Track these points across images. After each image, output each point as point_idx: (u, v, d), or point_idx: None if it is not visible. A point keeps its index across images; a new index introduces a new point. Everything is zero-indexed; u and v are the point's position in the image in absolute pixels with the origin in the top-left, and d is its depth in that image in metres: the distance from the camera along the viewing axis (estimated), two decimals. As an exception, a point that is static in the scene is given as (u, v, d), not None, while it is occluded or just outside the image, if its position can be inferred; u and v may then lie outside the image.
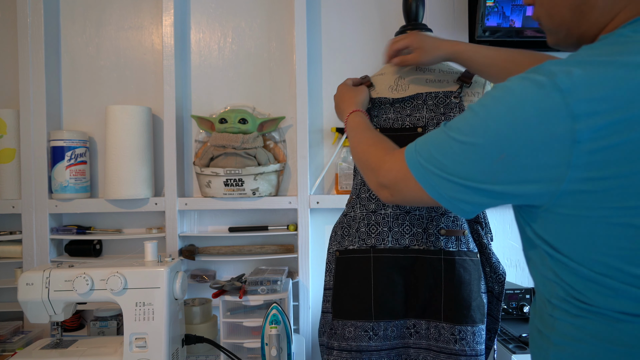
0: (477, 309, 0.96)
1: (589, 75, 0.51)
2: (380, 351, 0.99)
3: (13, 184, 1.57)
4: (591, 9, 0.61)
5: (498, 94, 0.57)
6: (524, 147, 0.53)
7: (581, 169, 0.51)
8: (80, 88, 1.65)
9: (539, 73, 0.54)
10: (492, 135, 0.56)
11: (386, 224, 1.01)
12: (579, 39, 0.65)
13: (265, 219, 1.65)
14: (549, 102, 0.51)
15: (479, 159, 0.57)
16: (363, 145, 0.84)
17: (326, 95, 1.64)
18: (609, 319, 0.55)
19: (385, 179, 0.71)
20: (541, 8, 0.68)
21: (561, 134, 0.51)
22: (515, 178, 0.55)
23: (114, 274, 1.16)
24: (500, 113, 0.55)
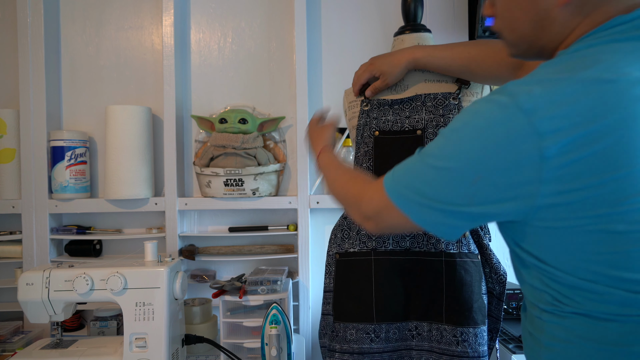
0: (479, 311, 0.96)
1: (548, 94, 0.53)
2: (382, 353, 0.99)
3: (13, 184, 1.57)
4: (551, 24, 0.63)
5: (467, 117, 0.59)
6: (497, 167, 0.55)
7: (552, 184, 0.53)
8: (80, 88, 1.65)
9: (502, 94, 0.56)
10: (465, 158, 0.57)
11: None
12: (540, 51, 0.67)
13: (265, 219, 1.65)
14: (515, 122, 0.53)
15: (455, 183, 0.58)
16: (339, 181, 0.85)
17: (326, 95, 1.64)
18: (595, 320, 0.57)
19: (368, 210, 0.72)
20: (502, 21, 0.69)
21: (529, 151, 0.53)
22: (492, 198, 0.57)
23: (114, 274, 1.16)
24: (471, 136, 0.57)
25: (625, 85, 0.52)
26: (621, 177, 0.51)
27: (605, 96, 0.52)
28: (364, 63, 1.09)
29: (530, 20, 0.64)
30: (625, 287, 0.54)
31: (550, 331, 0.61)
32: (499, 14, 0.69)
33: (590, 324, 0.57)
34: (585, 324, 0.57)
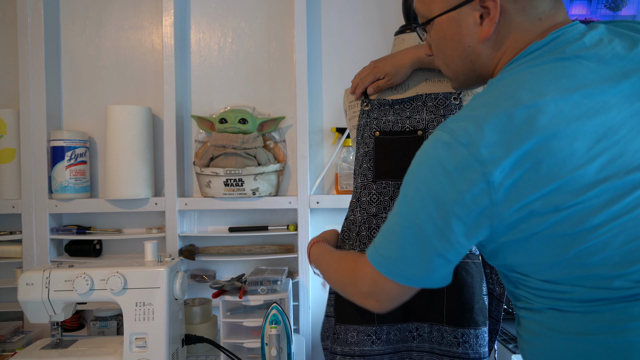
0: (480, 312, 0.96)
1: (480, 127, 0.59)
2: (384, 355, 0.99)
3: (13, 184, 1.57)
4: (478, 57, 0.72)
5: (419, 160, 0.65)
6: (453, 199, 0.60)
7: (504, 204, 0.59)
8: (80, 88, 1.65)
9: (444, 132, 0.62)
10: (425, 195, 0.63)
11: None
12: (478, 79, 0.76)
13: (265, 219, 1.65)
14: (459, 156, 0.60)
15: (423, 223, 0.63)
16: (332, 267, 0.87)
17: (326, 95, 1.64)
18: (561, 312, 0.63)
19: (364, 287, 0.73)
20: (438, 60, 0.79)
21: (477, 179, 0.59)
22: (458, 229, 0.62)
23: (114, 274, 1.16)
24: (426, 176, 0.63)
25: (542, 106, 0.58)
26: (556, 187, 0.57)
27: (526, 120, 0.58)
28: (366, 66, 1.09)
29: (460, 56, 0.73)
30: (582, 283, 0.60)
31: (527, 326, 0.68)
32: (435, 54, 0.79)
33: (557, 316, 0.63)
34: (553, 317, 0.64)
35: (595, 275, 0.59)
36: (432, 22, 0.74)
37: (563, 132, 0.57)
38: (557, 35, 0.65)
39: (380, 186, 1.01)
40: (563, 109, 0.58)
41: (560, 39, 0.65)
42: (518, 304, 0.70)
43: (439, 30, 0.74)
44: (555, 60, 0.63)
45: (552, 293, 0.63)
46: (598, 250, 0.58)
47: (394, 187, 1.00)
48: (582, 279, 0.60)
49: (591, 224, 0.58)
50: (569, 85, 0.60)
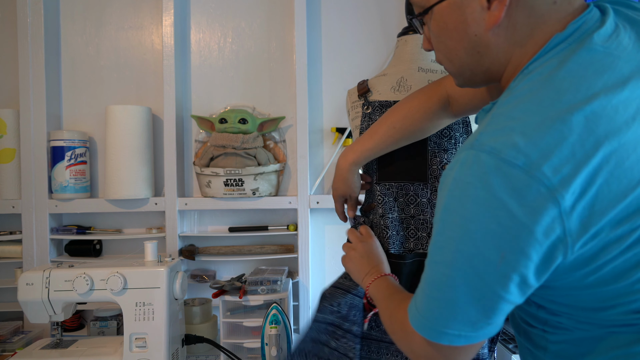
0: None
1: (533, 142, 0.49)
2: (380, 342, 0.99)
3: (13, 184, 1.57)
4: (487, 49, 0.61)
5: (457, 193, 0.53)
6: (519, 235, 0.49)
7: (577, 232, 0.49)
8: (80, 88, 1.65)
9: (482, 151, 0.51)
10: (478, 238, 0.51)
11: (394, 228, 1.01)
12: (485, 75, 0.65)
13: (265, 219, 1.65)
14: (516, 181, 0.48)
15: (481, 270, 0.52)
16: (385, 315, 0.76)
17: (326, 95, 1.64)
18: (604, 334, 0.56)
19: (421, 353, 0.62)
20: (440, 54, 0.68)
21: (545, 206, 0.48)
22: (526, 270, 0.51)
23: (114, 274, 1.16)
24: (474, 212, 0.51)
25: (598, 109, 0.50)
26: (630, 201, 0.49)
27: (586, 128, 0.49)
28: None
29: (464, 48, 0.62)
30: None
31: (557, 350, 0.60)
32: (435, 48, 0.68)
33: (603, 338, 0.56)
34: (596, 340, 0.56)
35: None
36: (431, 11, 0.64)
37: (625, 135, 0.49)
38: (578, 25, 0.56)
39: (384, 187, 1.02)
40: (618, 109, 0.50)
41: (581, 29, 0.56)
42: (545, 327, 0.60)
43: (439, 19, 0.63)
44: (588, 52, 0.54)
45: (604, 320, 0.55)
46: None
47: (397, 189, 1.01)
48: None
49: None
50: (614, 80, 0.52)
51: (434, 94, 0.91)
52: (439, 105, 0.91)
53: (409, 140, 0.96)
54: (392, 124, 0.94)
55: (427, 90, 0.93)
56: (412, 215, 1.01)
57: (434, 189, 1.00)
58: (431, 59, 1.08)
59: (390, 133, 0.94)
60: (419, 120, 0.92)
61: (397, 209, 1.01)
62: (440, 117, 0.93)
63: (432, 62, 1.08)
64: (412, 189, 1.00)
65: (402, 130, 0.93)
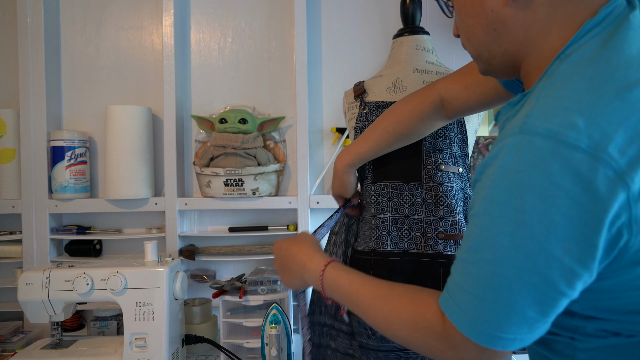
0: None
1: (595, 121, 0.45)
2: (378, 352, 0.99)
3: (13, 184, 1.57)
4: (504, 26, 0.59)
5: (508, 183, 0.48)
6: (586, 223, 0.45)
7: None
8: (80, 88, 1.65)
9: (536, 135, 0.47)
10: (539, 230, 0.46)
11: (385, 228, 1.01)
12: (504, 59, 0.62)
13: (265, 219, 1.65)
14: (579, 165, 0.44)
15: (544, 267, 0.47)
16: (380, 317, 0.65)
17: (326, 95, 1.64)
18: None
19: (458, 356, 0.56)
20: (462, 36, 0.66)
21: (613, 192, 0.44)
22: (591, 263, 0.47)
23: (114, 274, 1.16)
24: (530, 202, 0.47)
25: None
26: None
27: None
28: None
29: (481, 24, 0.60)
30: None
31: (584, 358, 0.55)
32: (459, 29, 0.67)
33: None
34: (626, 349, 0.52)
35: None
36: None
37: None
38: (609, 10, 0.53)
39: (379, 187, 1.02)
40: None
41: (614, 14, 0.53)
42: (575, 335, 0.56)
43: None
44: (629, 31, 0.51)
45: None
46: None
47: (392, 189, 1.01)
48: None
49: None
50: None
51: (427, 97, 0.92)
52: (432, 108, 0.91)
53: (403, 143, 0.97)
54: (385, 128, 0.95)
55: (419, 93, 0.94)
56: (406, 215, 1.01)
57: (428, 188, 1.00)
58: (426, 60, 1.08)
59: (384, 137, 0.95)
60: (411, 124, 0.93)
61: (390, 209, 1.01)
62: (433, 120, 0.94)
63: (428, 63, 1.08)
64: (406, 189, 1.01)
65: (395, 134, 0.94)
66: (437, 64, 1.09)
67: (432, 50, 1.11)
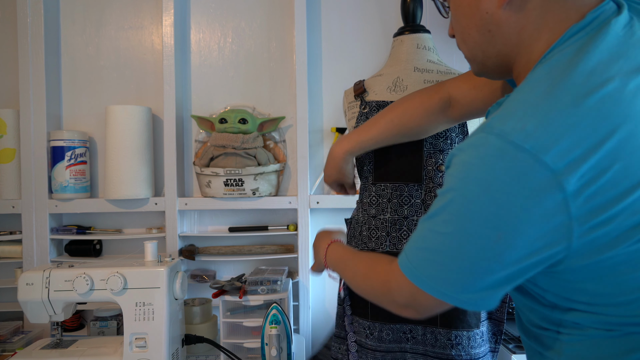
0: (473, 314, 0.96)
1: (544, 126, 0.49)
2: (376, 352, 1.00)
3: (13, 184, 1.57)
4: (498, 28, 0.61)
5: (461, 173, 0.54)
6: (517, 217, 0.50)
7: (585, 218, 0.49)
8: (80, 88, 1.65)
9: (491, 134, 0.51)
10: (478, 218, 0.52)
11: (384, 229, 1.01)
12: (497, 60, 0.64)
13: (265, 219, 1.65)
14: (520, 164, 0.49)
15: (477, 248, 0.53)
16: (360, 275, 0.78)
17: (326, 95, 1.64)
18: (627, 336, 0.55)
19: (402, 298, 0.65)
20: (457, 36, 0.69)
21: (548, 191, 0.48)
22: (523, 252, 0.52)
23: (114, 274, 1.16)
24: (476, 192, 0.52)
25: (613, 92, 0.49)
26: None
27: (600, 111, 0.48)
28: None
29: (476, 25, 0.63)
30: None
31: (572, 352, 0.58)
32: (455, 30, 0.69)
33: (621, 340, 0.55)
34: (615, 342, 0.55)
35: None
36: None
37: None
38: (596, 14, 0.56)
39: (380, 188, 1.02)
40: (636, 94, 0.49)
41: (600, 18, 0.56)
42: (560, 329, 0.59)
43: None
44: (605, 37, 0.53)
45: (622, 317, 0.54)
46: None
47: (392, 190, 1.01)
48: None
49: None
50: (629, 66, 0.51)
51: (435, 93, 0.92)
52: (439, 105, 0.91)
53: (405, 137, 0.96)
54: (390, 119, 0.94)
55: (429, 89, 0.93)
56: (405, 216, 1.01)
57: (428, 189, 1.00)
58: (427, 59, 1.08)
59: (389, 126, 0.94)
60: (417, 117, 0.93)
61: (389, 210, 1.01)
62: (439, 117, 0.93)
63: (428, 62, 1.08)
64: (406, 190, 1.00)
65: (399, 126, 0.93)
66: (438, 63, 1.09)
67: (433, 49, 1.10)
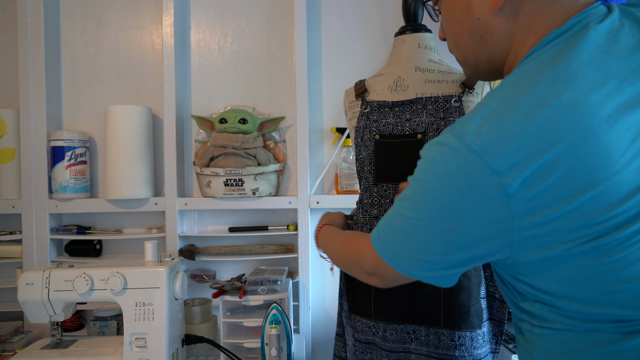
0: (476, 315, 0.96)
1: (494, 131, 0.52)
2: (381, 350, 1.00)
3: (13, 184, 1.57)
4: (490, 33, 0.64)
5: (425, 166, 0.59)
6: (466, 211, 0.55)
7: (525, 217, 0.53)
8: (80, 88, 1.65)
9: (452, 135, 0.55)
10: (433, 208, 0.58)
11: None
12: (489, 64, 0.67)
13: (265, 219, 1.65)
14: (470, 165, 0.53)
15: (431, 234, 0.58)
16: (338, 247, 0.86)
17: (326, 95, 1.64)
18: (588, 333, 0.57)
19: (367, 266, 0.71)
20: (449, 40, 0.71)
21: (493, 191, 0.52)
22: (471, 242, 0.57)
23: (114, 274, 1.16)
24: (433, 185, 0.57)
25: (568, 104, 0.50)
26: (590, 198, 0.50)
27: (550, 121, 0.50)
28: None
29: (468, 31, 0.65)
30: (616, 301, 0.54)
31: (544, 345, 0.61)
32: (446, 34, 0.71)
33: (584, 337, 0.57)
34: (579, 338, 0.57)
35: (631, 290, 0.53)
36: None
37: (594, 133, 0.50)
38: (578, 20, 0.57)
39: (382, 189, 1.02)
40: (593, 106, 0.50)
41: (581, 24, 0.57)
42: (533, 321, 0.63)
43: (447, 3, 0.68)
44: (579, 45, 0.54)
45: (580, 314, 0.56)
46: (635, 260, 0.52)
47: (394, 190, 1.01)
48: (617, 297, 0.54)
49: (629, 232, 0.51)
50: (596, 77, 0.52)
51: None
52: None
53: None
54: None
55: None
56: None
57: None
58: (428, 59, 1.08)
59: None
60: None
61: None
62: None
63: (430, 61, 1.08)
64: None
65: None
66: (440, 63, 1.09)
67: (434, 48, 1.10)
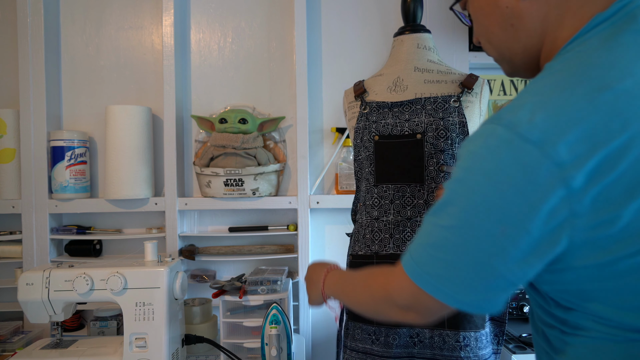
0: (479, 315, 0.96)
1: (552, 117, 0.47)
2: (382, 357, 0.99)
3: (13, 184, 1.57)
4: (521, 20, 0.60)
5: (467, 163, 0.52)
6: (522, 212, 0.48)
7: (589, 216, 0.47)
8: (80, 88, 1.65)
9: (499, 125, 0.50)
10: (481, 209, 0.51)
11: (388, 231, 1.01)
12: (525, 55, 0.63)
13: (265, 219, 1.65)
14: (526, 157, 0.47)
15: (481, 241, 0.51)
16: (359, 286, 0.72)
17: (326, 95, 1.64)
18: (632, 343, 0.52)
19: (402, 299, 0.60)
20: (482, 39, 0.68)
21: (553, 187, 0.46)
22: (526, 249, 0.50)
23: (114, 274, 1.16)
24: (480, 182, 0.51)
25: (632, 90, 0.47)
26: None
27: (614, 107, 0.46)
28: None
29: (498, 22, 0.62)
30: None
31: (577, 355, 0.56)
32: (479, 35, 0.68)
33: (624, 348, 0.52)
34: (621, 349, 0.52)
35: None
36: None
37: None
38: (622, 4, 0.53)
39: (382, 190, 1.02)
40: None
41: (626, 9, 0.53)
42: (564, 328, 0.57)
43: (474, 1, 0.65)
44: (633, 33, 0.51)
45: (623, 323, 0.51)
46: None
47: (394, 191, 1.01)
48: None
49: None
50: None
51: None
52: None
53: None
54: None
55: None
56: (408, 217, 1.01)
57: (430, 190, 0.99)
58: (427, 59, 1.08)
59: None
60: None
61: (392, 211, 1.01)
62: None
63: (429, 62, 1.08)
64: (408, 191, 1.00)
65: None
66: (439, 63, 1.09)
67: (434, 48, 1.10)
